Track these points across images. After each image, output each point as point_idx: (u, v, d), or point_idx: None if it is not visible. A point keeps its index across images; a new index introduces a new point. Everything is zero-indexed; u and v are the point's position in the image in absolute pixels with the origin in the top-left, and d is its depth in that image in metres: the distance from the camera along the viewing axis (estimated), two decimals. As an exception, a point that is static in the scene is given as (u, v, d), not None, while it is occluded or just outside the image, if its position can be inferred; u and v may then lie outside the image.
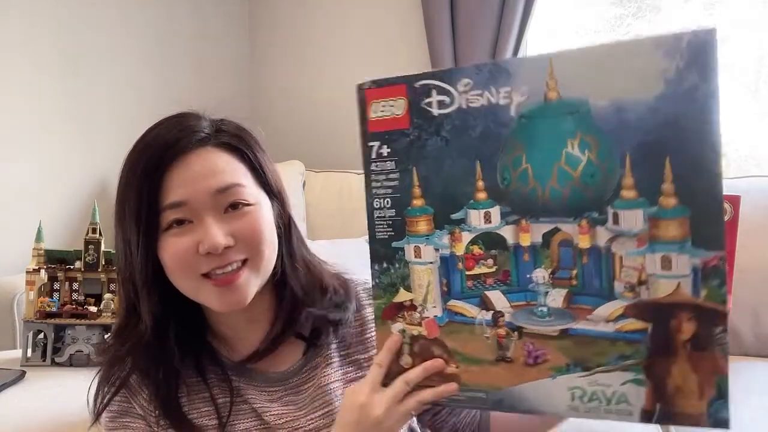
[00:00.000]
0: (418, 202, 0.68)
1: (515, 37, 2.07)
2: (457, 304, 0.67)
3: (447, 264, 0.67)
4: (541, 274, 0.64)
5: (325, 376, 0.75)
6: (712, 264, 0.57)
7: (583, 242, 0.61)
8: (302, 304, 0.75)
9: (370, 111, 0.70)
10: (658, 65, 0.57)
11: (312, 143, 2.50)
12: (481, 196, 0.64)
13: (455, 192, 0.66)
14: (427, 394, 0.64)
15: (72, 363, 1.29)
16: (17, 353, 1.35)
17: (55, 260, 1.34)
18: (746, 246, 1.46)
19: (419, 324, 0.68)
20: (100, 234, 1.34)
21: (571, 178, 0.61)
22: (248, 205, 0.70)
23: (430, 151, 0.67)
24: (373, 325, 0.76)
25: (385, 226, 0.71)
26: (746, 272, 1.49)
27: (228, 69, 2.58)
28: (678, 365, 0.59)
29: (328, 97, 2.53)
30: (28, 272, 1.31)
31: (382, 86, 0.70)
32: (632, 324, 0.60)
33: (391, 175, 0.69)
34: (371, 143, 0.70)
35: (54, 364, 1.30)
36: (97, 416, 0.73)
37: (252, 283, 0.70)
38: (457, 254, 0.66)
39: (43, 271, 1.32)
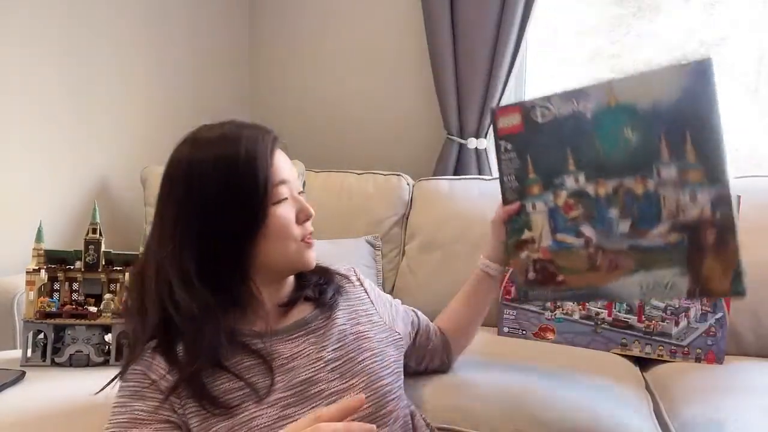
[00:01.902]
0: (532, 176, 1.10)
1: (515, 37, 2.07)
2: (560, 236, 1.09)
3: (552, 212, 1.09)
4: (614, 212, 1.03)
5: (336, 319, 0.94)
6: (722, 194, 0.93)
7: (639, 189, 1.00)
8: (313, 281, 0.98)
9: (499, 123, 1.12)
10: (679, 81, 0.96)
11: (312, 143, 2.50)
12: (572, 167, 1.05)
13: (556, 167, 1.07)
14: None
15: (72, 363, 1.29)
16: (17, 353, 1.35)
17: (55, 260, 1.33)
18: (746, 246, 1.46)
19: (537, 251, 1.11)
20: (100, 234, 1.34)
21: (627, 150, 1.00)
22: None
23: (537, 143, 1.09)
24: (370, 290, 1.05)
25: (513, 194, 1.13)
26: (746, 272, 1.49)
27: (228, 69, 2.58)
28: (707, 260, 0.96)
29: (328, 97, 2.54)
30: (28, 272, 1.31)
31: (505, 107, 1.12)
32: (674, 237, 0.97)
33: (514, 161, 1.11)
34: (500, 142, 1.12)
35: (54, 364, 1.29)
36: (123, 370, 0.83)
37: None
38: (559, 205, 1.08)
39: (43, 271, 1.32)
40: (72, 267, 1.33)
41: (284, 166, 0.89)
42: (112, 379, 0.85)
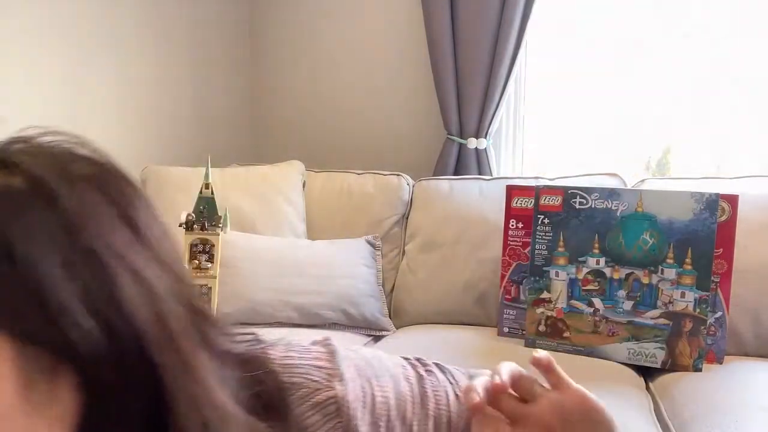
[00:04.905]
0: (561, 249, 1.39)
1: (515, 37, 2.07)
2: (574, 303, 1.39)
3: (572, 282, 1.38)
4: (622, 293, 1.35)
5: None
6: (703, 297, 1.30)
7: (645, 280, 1.33)
8: None
9: (541, 199, 1.40)
10: (692, 205, 1.30)
11: (312, 143, 2.50)
12: (596, 251, 1.33)
13: (582, 246, 1.37)
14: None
15: (72, 363, 1.29)
16: (17, 353, 1.35)
17: (55, 260, 1.33)
18: (746, 246, 1.47)
19: (552, 310, 1.40)
20: (100, 234, 1.34)
21: (642, 249, 1.32)
22: None
23: (571, 224, 1.37)
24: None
25: (540, 259, 1.40)
26: (746, 272, 1.49)
27: (228, 69, 2.58)
28: (681, 342, 1.31)
29: (329, 97, 2.54)
30: (28, 272, 1.31)
31: (549, 188, 1.41)
32: (663, 321, 1.32)
33: (547, 233, 1.39)
34: (539, 216, 1.40)
35: (54, 364, 1.29)
36: None
37: None
38: (579, 278, 1.38)
39: (43, 271, 1.32)
40: (72, 267, 1.33)
41: None
42: None
